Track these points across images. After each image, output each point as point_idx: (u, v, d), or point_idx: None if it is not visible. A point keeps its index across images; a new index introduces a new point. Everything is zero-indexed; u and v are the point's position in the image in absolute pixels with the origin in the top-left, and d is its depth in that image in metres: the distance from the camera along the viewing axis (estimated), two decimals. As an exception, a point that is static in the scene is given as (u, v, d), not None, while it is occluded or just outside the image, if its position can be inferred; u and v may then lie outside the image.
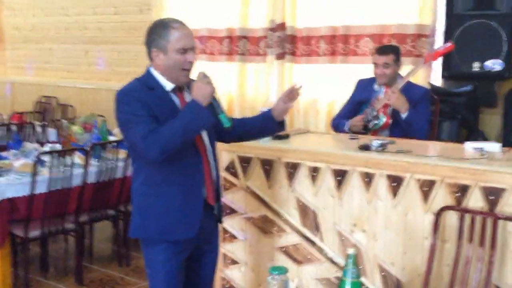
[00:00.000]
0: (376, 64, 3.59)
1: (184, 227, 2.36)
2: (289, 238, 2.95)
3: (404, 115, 3.43)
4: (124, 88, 2.36)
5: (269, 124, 2.59)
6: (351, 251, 1.62)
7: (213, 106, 2.31)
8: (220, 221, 2.60)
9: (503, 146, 2.81)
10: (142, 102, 2.27)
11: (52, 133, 5.75)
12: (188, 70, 2.34)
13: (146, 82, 2.36)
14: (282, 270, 1.63)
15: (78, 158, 4.00)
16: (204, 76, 2.29)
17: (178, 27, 2.32)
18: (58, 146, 4.20)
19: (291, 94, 2.54)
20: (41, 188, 3.66)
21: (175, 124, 2.24)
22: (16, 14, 7.76)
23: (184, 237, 2.37)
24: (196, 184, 2.38)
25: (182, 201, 2.35)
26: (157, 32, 2.33)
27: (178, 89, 2.39)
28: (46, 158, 3.81)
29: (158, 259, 2.40)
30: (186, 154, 2.33)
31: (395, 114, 3.51)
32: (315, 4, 4.95)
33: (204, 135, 2.43)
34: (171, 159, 2.30)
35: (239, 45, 5.43)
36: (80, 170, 3.87)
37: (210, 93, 2.27)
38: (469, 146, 2.81)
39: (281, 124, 2.61)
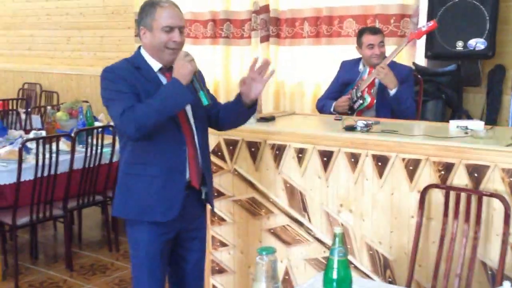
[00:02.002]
0: (371, 45, 3.58)
1: (164, 208, 2.35)
2: (277, 220, 2.98)
3: (392, 91, 3.46)
4: (110, 65, 2.37)
5: (239, 108, 2.47)
6: (337, 230, 1.63)
7: (194, 84, 2.28)
8: (212, 206, 2.60)
9: (486, 124, 2.85)
10: (125, 79, 2.28)
11: (36, 120, 5.72)
12: (173, 49, 2.31)
13: (134, 62, 2.36)
14: (270, 250, 1.64)
15: (64, 144, 3.99)
16: (185, 55, 2.26)
17: (165, 6, 2.30)
18: (43, 133, 4.17)
19: (259, 70, 2.40)
20: (27, 175, 3.64)
21: (152, 102, 2.22)
22: (-4, 0, 7.65)
23: (163, 219, 2.36)
24: (178, 166, 2.35)
25: (162, 182, 2.34)
26: (145, 10, 2.33)
27: (167, 69, 2.37)
28: (31, 145, 3.79)
29: (140, 239, 2.41)
30: (169, 135, 2.32)
31: (382, 93, 3.54)
32: (298, -15, 4.94)
33: (191, 118, 2.41)
34: (154, 140, 2.30)
35: (223, 28, 5.42)
36: (66, 157, 3.85)
37: (190, 72, 2.24)
38: (453, 125, 2.84)
39: (250, 108, 2.47)
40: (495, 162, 2.40)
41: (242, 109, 2.46)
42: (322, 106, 3.80)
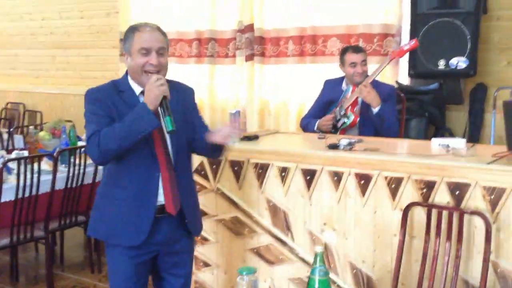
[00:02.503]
0: (353, 64, 3.61)
1: (130, 233, 2.33)
2: (261, 239, 2.96)
3: (375, 109, 3.47)
4: (94, 87, 2.37)
5: (204, 145, 2.40)
6: (318, 249, 1.63)
7: (160, 109, 2.22)
8: (195, 233, 2.54)
9: (469, 141, 2.86)
10: (103, 102, 2.28)
11: (19, 140, 5.65)
12: (151, 72, 2.28)
13: (119, 85, 2.36)
14: (251, 270, 1.63)
15: (46, 164, 3.95)
16: (156, 80, 2.22)
17: (143, 30, 2.31)
18: (25, 153, 4.12)
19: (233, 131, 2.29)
20: (8, 196, 3.59)
21: (117, 126, 2.21)
22: (-20, 19, 7.62)
23: (128, 243, 2.34)
24: (150, 191, 2.32)
25: (131, 207, 2.32)
26: (127, 35, 2.35)
27: None
28: (13, 165, 3.75)
29: (114, 261, 2.41)
30: (142, 160, 2.30)
31: (365, 111, 3.55)
32: (282, 5, 4.98)
33: (168, 142, 2.35)
34: (128, 164, 2.29)
35: (208, 47, 5.43)
36: (48, 177, 3.81)
37: (156, 96, 2.19)
38: (435, 143, 2.86)
39: (216, 149, 2.40)
40: (476, 179, 2.41)
41: (204, 144, 2.38)
42: (306, 125, 3.80)
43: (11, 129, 5.76)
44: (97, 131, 2.22)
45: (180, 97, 2.41)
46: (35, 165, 3.74)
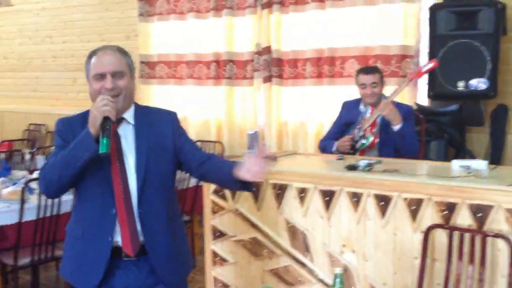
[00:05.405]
0: (363, 85, 3.63)
1: (83, 275, 2.15)
2: (280, 260, 2.95)
3: (396, 127, 3.46)
4: (63, 117, 2.24)
5: (231, 181, 2.11)
6: (338, 270, 1.62)
7: (102, 131, 2.02)
8: (171, 285, 2.22)
9: (491, 163, 2.83)
10: (64, 134, 2.15)
11: (41, 160, 5.72)
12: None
13: (87, 116, 2.10)
14: (271, 292, 1.62)
15: (66, 185, 3.98)
16: (100, 100, 2.05)
17: (99, 54, 2.14)
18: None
19: (264, 158, 2.02)
20: (30, 215, 3.62)
21: (59, 155, 2.07)
22: (3, 43, 7.78)
23: (83, 286, 2.17)
24: (103, 230, 2.11)
25: (85, 247, 2.14)
26: (86, 63, 2.18)
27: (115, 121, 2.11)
28: (34, 185, 3.78)
29: None
30: (97, 194, 2.13)
31: (384, 132, 3.54)
32: (300, 27, 5.02)
33: (133, 177, 2.13)
34: (83, 198, 2.16)
35: (226, 69, 5.48)
36: (69, 197, 3.83)
37: (95, 117, 2.01)
38: (456, 164, 2.83)
39: (245, 185, 2.10)
40: (498, 202, 2.38)
41: (233, 180, 2.10)
42: (325, 147, 3.80)
43: (33, 150, 5.83)
44: (47, 162, 2.11)
45: (155, 125, 2.21)
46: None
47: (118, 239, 2.12)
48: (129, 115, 2.20)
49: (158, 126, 2.21)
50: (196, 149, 2.28)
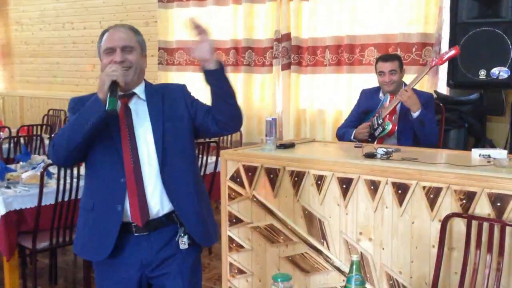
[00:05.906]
0: (382, 72, 3.60)
1: (94, 247, 2.17)
2: (296, 247, 2.94)
3: (415, 113, 3.43)
4: (76, 96, 2.30)
5: (211, 84, 2.20)
6: (354, 257, 1.61)
7: (110, 93, 2.04)
8: (206, 244, 2.33)
9: (510, 153, 2.80)
10: (75, 110, 2.16)
11: (60, 145, 5.78)
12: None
13: None
14: (285, 277, 1.62)
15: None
16: (109, 67, 2.09)
17: (111, 31, 2.20)
18: (65, 158, 4.20)
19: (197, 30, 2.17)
20: (48, 200, 3.67)
21: (68, 122, 2.12)
22: (24, 29, 7.85)
23: (93, 258, 2.23)
24: (113, 201, 2.12)
25: (96, 218, 2.16)
26: (98, 42, 2.25)
27: (122, 96, 2.18)
28: (53, 170, 3.83)
29: (96, 275, 2.32)
30: (108, 165, 2.14)
31: (404, 119, 3.51)
32: (320, 14, 4.98)
33: (145, 147, 2.16)
34: (94, 170, 2.18)
35: (245, 56, 5.47)
36: (87, 182, 3.87)
37: (104, 82, 2.04)
38: (476, 153, 2.80)
39: (209, 72, 2.17)
40: (518, 191, 2.35)
41: (211, 80, 2.18)
42: (343, 134, 3.78)
43: (53, 135, 5.89)
44: (58, 131, 2.15)
45: (167, 97, 2.25)
46: (75, 170, 3.81)
47: (127, 207, 2.13)
48: (139, 90, 2.24)
49: (170, 98, 2.26)
50: (202, 106, 2.33)
